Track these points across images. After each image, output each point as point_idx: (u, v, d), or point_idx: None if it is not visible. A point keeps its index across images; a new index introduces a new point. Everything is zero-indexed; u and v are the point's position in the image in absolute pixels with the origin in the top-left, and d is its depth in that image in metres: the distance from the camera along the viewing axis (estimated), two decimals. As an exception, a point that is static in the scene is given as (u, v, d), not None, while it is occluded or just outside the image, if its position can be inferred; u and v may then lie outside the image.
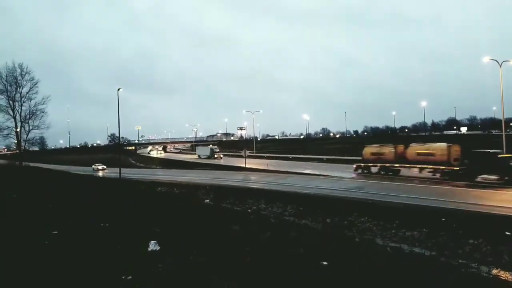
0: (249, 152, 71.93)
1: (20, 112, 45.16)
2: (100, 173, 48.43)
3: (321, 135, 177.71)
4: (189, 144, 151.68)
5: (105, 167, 56.30)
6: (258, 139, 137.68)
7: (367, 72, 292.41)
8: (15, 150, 67.12)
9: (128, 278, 6.44)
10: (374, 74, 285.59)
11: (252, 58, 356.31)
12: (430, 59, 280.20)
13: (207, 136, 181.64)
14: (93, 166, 49.27)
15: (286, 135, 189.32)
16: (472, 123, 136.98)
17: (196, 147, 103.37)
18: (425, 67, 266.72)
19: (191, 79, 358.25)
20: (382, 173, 35.95)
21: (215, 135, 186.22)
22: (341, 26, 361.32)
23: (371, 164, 37.64)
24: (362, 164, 38.78)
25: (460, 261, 12.37)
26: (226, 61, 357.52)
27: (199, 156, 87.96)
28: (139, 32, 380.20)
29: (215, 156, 79.12)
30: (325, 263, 8.41)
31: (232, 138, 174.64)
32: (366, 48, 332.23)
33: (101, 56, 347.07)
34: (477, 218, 17.12)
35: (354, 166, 40.13)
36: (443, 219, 17.47)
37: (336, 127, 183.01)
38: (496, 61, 35.46)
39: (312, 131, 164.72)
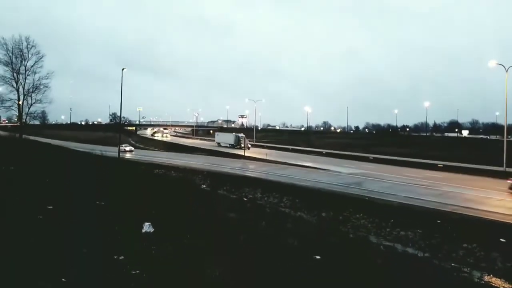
0: (249, 141, 71.89)
1: (24, 85, 44.98)
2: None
3: (322, 128, 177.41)
4: (189, 128, 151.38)
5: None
6: (259, 128, 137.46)
7: (369, 67, 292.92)
8: (16, 123, 67.07)
9: (120, 258, 6.41)
10: (376, 69, 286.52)
11: (253, 46, 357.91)
12: (436, 58, 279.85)
13: (208, 122, 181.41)
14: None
15: (287, 126, 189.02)
16: (474, 127, 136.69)
17: (216, 133, 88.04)
18: (429, 66, 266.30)
19: (192, 64, 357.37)
20: None
21: (216, 121, 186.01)
22: (343, 17, 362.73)
23: None
24: None
25: (452, 264, 12.41)
26: (227, 48, 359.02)
27: (218, 144, 75.67)
28: (140, 15, 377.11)
29: (242, 145, 64.82)
30: (318, 257, 8.39)
31: (232, 125, 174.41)
32: (368, 41, 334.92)
33: (105, 36, 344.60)
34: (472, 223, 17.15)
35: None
36: (438, 221, 17.49)
37: (337, 121, 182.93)
38: (503, 65, 35.20)
39: (313, 124, 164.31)
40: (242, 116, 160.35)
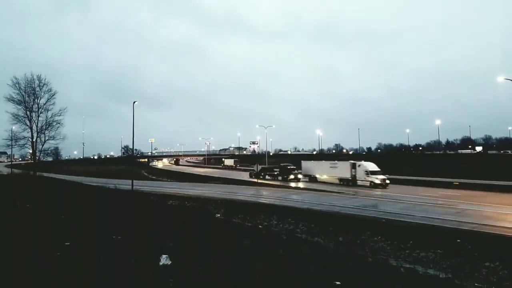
0: (261, 167, 71.76)
1: (37, 123, 45.95)
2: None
3: (334, 151, 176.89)
4: (201, 158, 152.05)
5: None
6: (271, 153, 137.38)
7: (358, 88, 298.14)
8: (29, 160, 68.19)
9: (139, 292, 6.38)
10: (373, 91, 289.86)
11: (239, 73, 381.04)
12: (443, 79, 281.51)
13: (220, 150, 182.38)
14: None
15: (298, 151, 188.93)
16: (487, 143, 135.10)
17: (306, 162, 57.42)
18: (438, 86, 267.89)
19: (191, 93, 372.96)
20: None
21: (228, 148, 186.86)
22: (315, 42, 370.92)
23: None
24: None
25: (476, 284, 12.05)
26: (218, 75, 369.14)
27: (311, 177, 52.13)
28: (120, 48, 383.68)
29: (376, 181, 42.31)
30: (337, 283, 8.23)
31: (244, 152, 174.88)
32: (348, 63, 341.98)
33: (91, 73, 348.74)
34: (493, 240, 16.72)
35: None
36: (458, 240, 17.10)
37: (348, 144, 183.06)
38: (511, 80, 35.00)
39: (325, 147, 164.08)
40: (253, 143, 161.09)
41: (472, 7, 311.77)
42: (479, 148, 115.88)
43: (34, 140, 45.84)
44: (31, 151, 49.01)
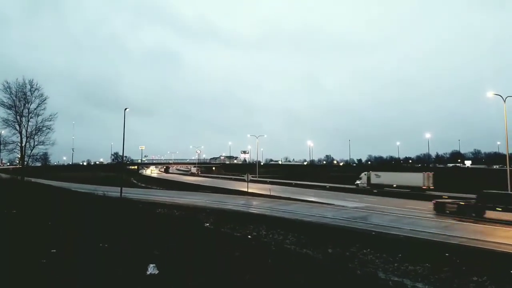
0: (252, 177, 71.67)
1: (27, 128, 45.41)
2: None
3: (324, 162, 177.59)
4: (192, 166, 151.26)
5: None
6: (262, 163, 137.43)
7: (342, 99, 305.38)
8: (17, 165, 67.29)
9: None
10: (359, 102, 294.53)
11: (219, 83, 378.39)
12: (431, 91, 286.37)
13: (210, 159, 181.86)
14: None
15: (289, 161, 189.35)
16: (476, 157, 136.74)
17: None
18: (425, 99, 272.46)
19: (173, 101, 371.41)
20: None
21: (218, 157, 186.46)
22: (294, 52, 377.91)
23: None
24: None
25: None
26: (197, 84, 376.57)
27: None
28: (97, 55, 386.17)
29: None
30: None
31: (235, 161, 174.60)
32: (329, 73, 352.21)
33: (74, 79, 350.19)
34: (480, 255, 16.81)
35: None
36: (446, 254, 17.17)
37: (339, 155, 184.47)
38: (500, 96, 35.76)
39: (315, 158, 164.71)
40: (244, 152, 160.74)
41: (458, 19, 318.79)
42: (468, 162, 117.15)
43: (23, 145, 45.28)
44: (19, 156, 48.37)
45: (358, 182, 62.69)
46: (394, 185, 55.33)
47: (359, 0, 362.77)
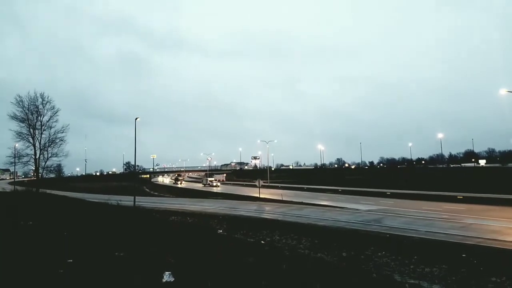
0: (263, 182, 71.60)
1: (40, 140, 46.20)
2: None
3: (336, 165, 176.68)
4: (203, 173, 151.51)
5: None
6: (272, 168, 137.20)
7: (336, 103, 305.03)
8: (32, 177, 68.17)
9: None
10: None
11: (203, 92, 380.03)
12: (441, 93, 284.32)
13: (222, 165, 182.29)
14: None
15: (300, 165, 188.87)
16: (490, 156, 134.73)
17: None
18: (440, 100, 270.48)
19: (162, 111, 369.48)
20: None
21: (229, 164, 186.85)
22: (272, 59, 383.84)
23: None
24: None
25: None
26: (179, 94, 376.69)
27: None
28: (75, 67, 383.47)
29: None
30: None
31: (246, 167, 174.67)
32: (311, 79, 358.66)
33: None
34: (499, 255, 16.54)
35: None
36: (463, 255, 16.93)
37: (350, 158, 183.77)
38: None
39: (326, 162, 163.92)
40: (255, 158, 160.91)
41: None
42: (482, 162, 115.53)
43: (37, 157, 45.99)
44: (34, 168, 49.10)
45: None
46: None
47: (331, 8, 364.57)
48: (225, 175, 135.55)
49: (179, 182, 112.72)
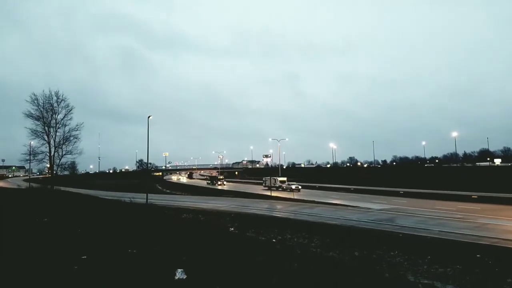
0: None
1: (55, 138, 46.94)
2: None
3: (348, 164, 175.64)
4: (215, 171, 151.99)
5: None
6: (284, 167, 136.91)
7: (339, 102, 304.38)
8: (47, 174, 69.11)
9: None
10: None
11: (205, 89, 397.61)
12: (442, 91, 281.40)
13: (233, 163, 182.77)
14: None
15: (312, 164, 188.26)
16: (506, 154, 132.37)
17: None
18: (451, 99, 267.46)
19: (166, 109, 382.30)
20: None
21: (241, 162, 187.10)
22: (267, 58, 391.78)
23: None
24: None
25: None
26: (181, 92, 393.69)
27: None
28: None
29: None
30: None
31: (257, 165, 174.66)
32: (313, 76, 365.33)
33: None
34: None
35: None
36: (478, 255, 16.71)
37: (362, 156, 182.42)
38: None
39: (339, 160, 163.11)
40: (266, 156, 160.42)
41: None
42: (498, 161, 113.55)
43: (51, 154, 46.68)
44: (48, 166, 49.88)
45: None
46: None
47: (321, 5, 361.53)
48: (226, 173, 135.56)
49: (218, 184, 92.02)
